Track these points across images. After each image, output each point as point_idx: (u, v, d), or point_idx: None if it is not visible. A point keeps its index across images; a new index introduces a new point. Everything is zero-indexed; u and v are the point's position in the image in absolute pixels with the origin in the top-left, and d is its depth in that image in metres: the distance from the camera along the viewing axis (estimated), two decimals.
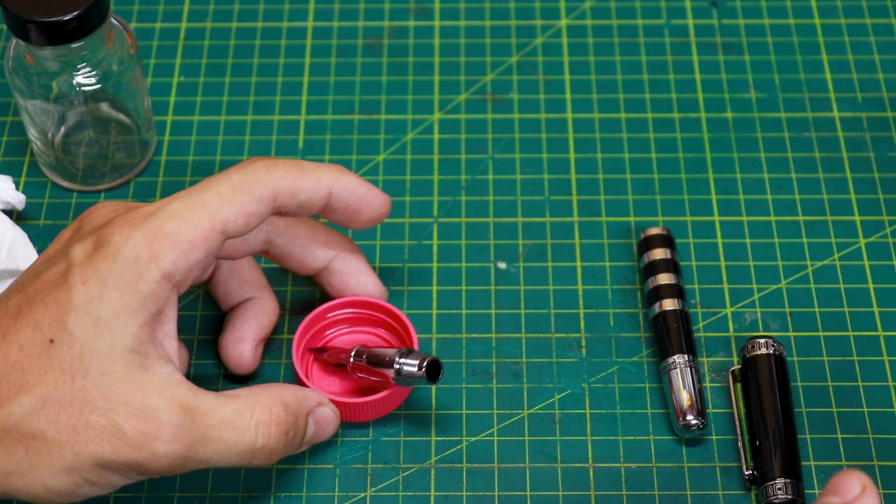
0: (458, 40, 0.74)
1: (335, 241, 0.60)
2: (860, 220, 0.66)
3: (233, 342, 0.59)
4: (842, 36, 0.74)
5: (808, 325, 0.62)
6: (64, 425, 0.49)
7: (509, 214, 0.66)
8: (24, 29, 0.59)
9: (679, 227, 0.66)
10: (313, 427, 0.55)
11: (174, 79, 0.72)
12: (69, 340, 0.50)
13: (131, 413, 0.49)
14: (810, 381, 0.61)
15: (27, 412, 0.49)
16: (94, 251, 0.51)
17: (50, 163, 0.67)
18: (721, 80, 0.72)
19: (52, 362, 0.50)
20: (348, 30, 0.74)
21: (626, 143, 0.69)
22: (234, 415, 0.52)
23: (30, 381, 0.49)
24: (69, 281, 0.50)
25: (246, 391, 0.53)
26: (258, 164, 0.54)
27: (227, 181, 0.53)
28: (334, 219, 0.57)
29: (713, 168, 0.68)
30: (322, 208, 0.56)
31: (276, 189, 0.54)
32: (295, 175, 0.54)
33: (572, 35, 0.74)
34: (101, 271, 0.50)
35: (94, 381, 0.50)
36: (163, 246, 0.51)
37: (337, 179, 0.56)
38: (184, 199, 0.52)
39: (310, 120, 0.71)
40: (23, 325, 0.50)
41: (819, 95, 0.71)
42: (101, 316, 0.50)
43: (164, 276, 0.51)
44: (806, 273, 0.64)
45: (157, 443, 0.50)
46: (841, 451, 0.58)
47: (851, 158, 0.69)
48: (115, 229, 0.51)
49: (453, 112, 0.71)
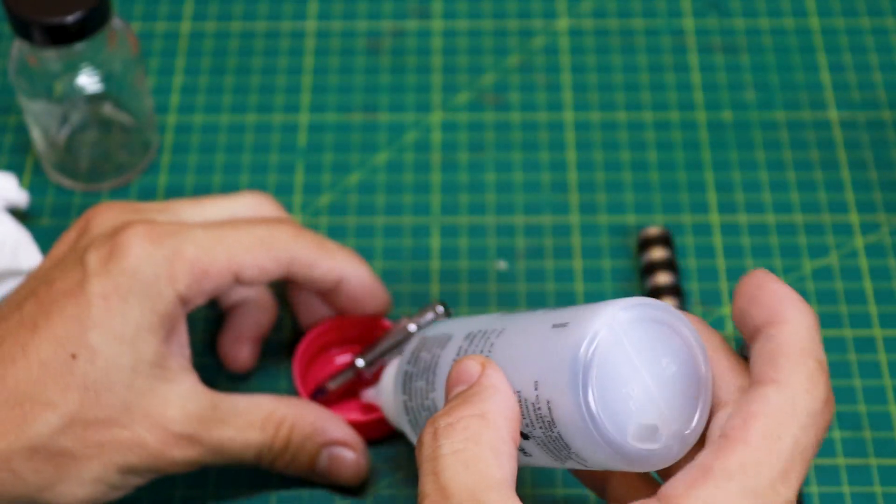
0: (458, 40, 0.74)
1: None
2: (857, 221, 0.67)
3: (230, 341, 0.60)
4: (839, 37, 0.74)
5: None
6: (90, 441, 0.50)
7: (509, 214, 0.67)
8: (28, 30, 0.60)
9: (678, 227, 0.66)
10: (326, 461, 0.55)
11: (176, 79, 0.72)
12: (92, 356, 0.50)
13: (154, 425, 0.51)
14: None
15: (54, 431, 0.49)
16: (110, 260, 0.51)
17: (53, 163, 0.67)
18: (719, 80, 0.72)
19: (76, 378, 0.50)
20: (349, 30, 0.75)
21: (625, 143, 0.70)
22: (248, 426, 0.53)
23: (54, 398, 0.49)
24: (87, 293, 0.50)
25: (271, 401, 0.54)
26: (286, 227, 0.55)
27: (252, 231, 0.54)
28: (336, 301, 0.57)
29: (712, 168, 0.69)
30: (330, 289, 0.57)
31: (295, 257, 0.54)
32: (315, 251, 0.55)
33: (572, 35, 0.74)
34: (122, 287, 0.51)
35: (119, 397, 0.50)
36: (182, 269, 0.51)
37: (353, 268, 0.56)
38: (207, 231, 0.53)
39: (310, 120, 0.71)
40: (42, 339, 0.50)
41: (816, 96, 0.72)
42: (125, 333, 0.50)
43: (179, 297, 0.52)
44: (803, 273, 0.65)
45: (176, 450, 0.51)
46: (838, 449, 0.59)
47: (848, 159, 0.69)
48: (134, 241, 0.51)
49: (453, 112, 0.71)
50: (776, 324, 0.41)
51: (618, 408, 0.41)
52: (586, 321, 0.41)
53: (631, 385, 0.41)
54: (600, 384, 0.40)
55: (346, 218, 0.67)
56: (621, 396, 0.41)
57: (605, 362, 0.41)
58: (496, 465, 0.41)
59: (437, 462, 0.41)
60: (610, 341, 0.41)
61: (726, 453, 0.39)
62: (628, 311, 0.41)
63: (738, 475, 0.38)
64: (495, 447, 0.41)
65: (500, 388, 0.43)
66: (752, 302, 0.41)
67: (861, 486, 0.58)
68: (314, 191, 0.68)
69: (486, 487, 0.40)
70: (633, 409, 0.41)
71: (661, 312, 0.42)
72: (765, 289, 0.41)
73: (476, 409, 0.42)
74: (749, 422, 0.39)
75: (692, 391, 0.42)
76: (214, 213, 0.56)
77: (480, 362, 0.44)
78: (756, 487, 0.38)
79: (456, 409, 0.42)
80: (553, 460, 0.44)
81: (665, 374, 0.41)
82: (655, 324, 0.42)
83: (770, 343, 0.41)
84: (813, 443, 0.39)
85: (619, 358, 0.41)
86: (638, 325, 0.41)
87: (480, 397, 0.43)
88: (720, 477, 0.38)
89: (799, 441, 0.39)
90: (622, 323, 0.41)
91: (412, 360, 0.52)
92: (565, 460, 0.43)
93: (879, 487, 0.58)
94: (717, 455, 0.39)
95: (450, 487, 0.40)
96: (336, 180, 0.68)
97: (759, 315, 0.41)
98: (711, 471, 0.39)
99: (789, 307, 0.41)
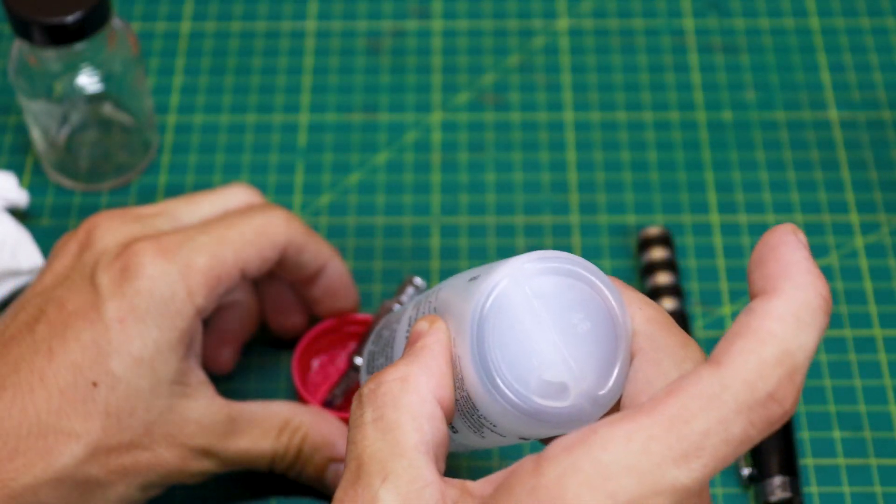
0: (458, 40, 0.74)
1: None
2: (857, 221, 0.67)
3: (212, 343, 0.60)
4: (839, 37, 0.74)
5: None
6: (114, 466, 0.50)
7: (509, 214, 0.67)
8: (28, 30, 0.60)
9: (677, 227, 0.66)
10: (333, 476, 0.56)
11: (175, 79, 0.72)
12: (113, 383, 0.50)
13: (173, 443, 0.51)
14: (808, 379, 0.61)
15: (79, 461, 0.49)
16: (122, 280, 0.51)
17: (53, 163, 0.67)
18: (719, 80, 0.72)
19: (98, 406, 0.50)
20: (348, 30, 0.75)
21: (625, 143, 0.70)
22: (263, 435, 0.54)
23: (77, 428, 0.49)
24: (103, 317, 0.50)
25: (288, 409, 0.54)
26: (279, 212, 0.55)
27: (250, 224, 0.54)
28: (312, 291, 0.58)
29: (712, 168, 0.69)
30: (312, 276, 0.57)
31: (289, 239, 0.55)
32: (305, 235, 0.56)
33: (572, 35, 0.74)
34: (139, 309, 0.50)
35: (139, 420, 0.50)
36: (198, 282, 0.52)
37: (336, 260, 0.58)
38: (210, 235, 0.53)
39: (310, 120, 0.71)
40: (59, 366, 0.50)
41: (816, 96, 0.72)
42: (144, 356, 0.50)
43: (197, 311, 0.52)
44: None
45: (194, 463, 0.52)
46: (838, 449, 0.59)
47: (848, 159, 0.69)
48: (145, 260, 0.51)
49: (453, 112, 0.71)
50: (763, 296, 0.35)
51: (519, 361, 0.38)
52: (492, 272, 0.39)
53: (535, 338, 0.39)
54: (500, 336, 0.39)
55: (346, 218, 0.67)
56: (524, 349, 0.39)
57: (505, 313, 0.39)
58: (412, 428, 0.39)
59: (357, 430, 0.40)
60: (511, 291, 0.39)
61: (620, 421, 0.35)
62: (536, 262, 0.39)
63: (618, 445, 0.34)
64: (414, 410, 0.39)
65: (431, 346, 0.41)
66: (757, 265, 0.36)
67: (861, 486, 0.58)
68: (314, 191, 0.68)
69: (397, 455, 0.38)
70: (535, 363, 0.39)
71: (579, 269, 0.40)
72: (774, 252, 0.36)
73: (399, 372, 0.40)
74: (666, 398, 0.35)
75: (608, 351, 0.39)
76: (209, 210, 0.56)
77: (429, 320, 0.42)
78: (636, 463, 0.34)
79: (382, 374, 0.41)
80: (472, 433, 0.42)
81: (576, 330, 0.39)
82: (569, 279, 0.40)
83: (743, 317, 0.35)
84: (738, 438, 0.34)
85: (521, 309, 0.39)
86: (546, 279, 0.39)
87: (409, 360, 0.41)
88: (597, 443, 0.35)
89: (713, 432, 0.34)
90: (527, 274, 0.39)
91: (375, 340, 0.51)
92: (480, 429, 0.41)
93: (879, 487, 0.58)
94: (611, 421, 0.35)
95: (364, 457, 0.39)
96: (336, 180, 0.68)
97: (758, 282, 0.36)
98: (594, 435, 0.35)
99: (786, 279, 0.35)
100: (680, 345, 0.40)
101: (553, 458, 0.35)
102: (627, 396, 0.40)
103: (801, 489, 0.56)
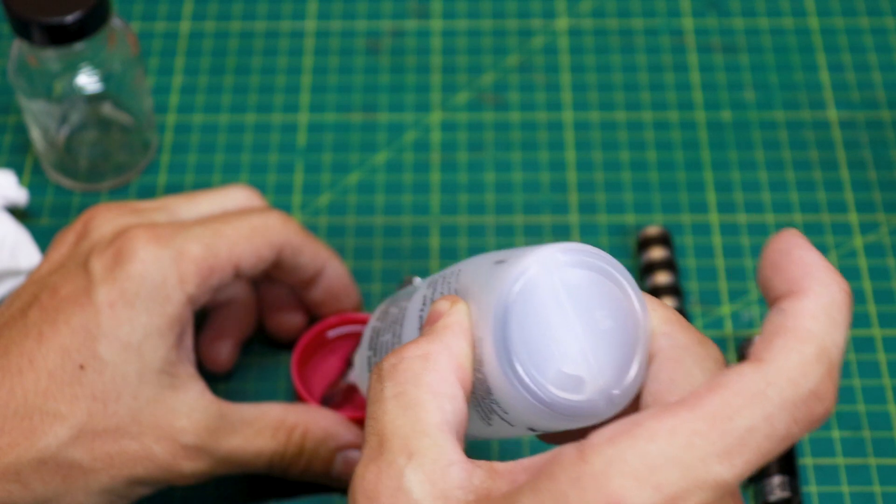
0: (458, 40, 0.74)
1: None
2: (856, 220, 0.67)
3: (211, 341, 0.60)
4: (838, 36, 0.74)
5: None
6: (99, 452, 0.50)
7: (509, 214, 0.67)
8: (27, 30, 0.60)
9: (677, 227, 0.66)
10: (341, 465, 0.55)
11: (175, 79, 0.72)
12: (100, 366, 0.50)
13: (161, 437, 0.51)
14: None
15: (63, 443, 0.49)
16: (115, 265, 0.51)
17: (52, 162, 0.67)
18: (718, 80, 0.72)
19: (84, 389, 0.50)
20: (348, 30, 0.75)
21: (624, 142, 0.70)
22: (257, 435, 0.53)
23: (62, 410, 0.49)
24: (94, 301, 0.50)
25: (280, 408, 0.54)
26: (275, 214, 0.55)
27: (246, 222, 0.54)
28: (312, 293, 0.58)
29: (711, 168, 0.69)
30: (311, 278, 0.57)
31: (286, 241, 0.55)
32: (303, 237, 0.56)
33: (571, 35, 0.74)
34: (129, 293, 0.50)
35: (127, 406, 0.50)
36: (190, 270, 0.51)
37: (334, 261, 0.58)
38: (206, 227, 0.53)
39: (309, 120, 0.71)
40: (49, 349, 0.50)
41: (815, 96, 0.72)
42: (132, 341, 0.50)
43: (188, 298, 0.52)
44: None
45: (185, 462, 0.51)
46: (837, 448, 0.59)
47: (847, 159, 0.69)
48: (138, 245, 0.51)
49: (453, 112, 0.71)
50: (791, 296, 0.36)
51: (540, 349, 0.38)
52: (522, 257, 0.39)
53: (558, 329, 0.39)
54: (523, 322, 0.38)
55: (345, 218, 0.67)
56: (546, 339, 0.38)
57: (532, 300, 0.38)
58: (434, 407, 0.39)
59: (378, 405, 0.39)
60: (540, 280, 0.39)
61: (664, 415, 0.35)
62: (567, 254, 0.39)
63: (662, 438, 0.34)
64: (435, 389, 0.39)
65: (452, 326, 0.40)
66: (774, 270, 0.37)
67: (860, 485, 0.58)
68: (314, 190, 0.68)
69: (420, 432, 0.38)
70: (556, 353, 0.38)
71: (608, 266, 0.40)
72: (790, 255, 0.36)
73: (421, 349, 0.40)
74: (708, 393, 0.35)
75: (627, 351, 0.39)
76: (208, 208, 0.56)
77: (450, 300, 0.42)
78: (681, 457, 0.34)
79: (403, 350, 0.40)
80: (480, 420, 0.41)
81: (599, 326, 0.39)
82: (598, 274, 0.39)
83: (777, 317, 0.36)
84: (781, 435, 0.35)
85: (548, 298, 0.39)
86: (576, 271, 0.39)
87: (430, 338, 0.40)
88: (643, 435, 0.34)
89: (757, 428, 0.34)
90: (559, 264, 0.39)
91: (381, 317, 0.50)
92: (490, 416, 0.41)
93: (879, 487, 0.58)
94: (655, 414, 0.35)
95: (385, 433, 0.38)
96: (335, 180, 0.68)
97: (780, 285, 0.36)
98: (638, 427, 0.35)
99: (812, 279, 0.36)
100: (698, 343, 0.40)
101: (597, 447, 0.35)
102: (651, 395, 0.40)
103: (800, 488, 0.56)
